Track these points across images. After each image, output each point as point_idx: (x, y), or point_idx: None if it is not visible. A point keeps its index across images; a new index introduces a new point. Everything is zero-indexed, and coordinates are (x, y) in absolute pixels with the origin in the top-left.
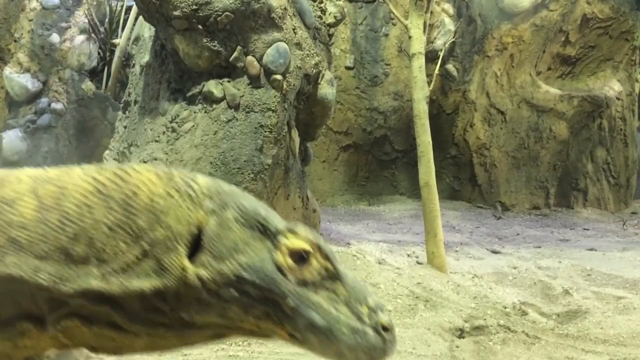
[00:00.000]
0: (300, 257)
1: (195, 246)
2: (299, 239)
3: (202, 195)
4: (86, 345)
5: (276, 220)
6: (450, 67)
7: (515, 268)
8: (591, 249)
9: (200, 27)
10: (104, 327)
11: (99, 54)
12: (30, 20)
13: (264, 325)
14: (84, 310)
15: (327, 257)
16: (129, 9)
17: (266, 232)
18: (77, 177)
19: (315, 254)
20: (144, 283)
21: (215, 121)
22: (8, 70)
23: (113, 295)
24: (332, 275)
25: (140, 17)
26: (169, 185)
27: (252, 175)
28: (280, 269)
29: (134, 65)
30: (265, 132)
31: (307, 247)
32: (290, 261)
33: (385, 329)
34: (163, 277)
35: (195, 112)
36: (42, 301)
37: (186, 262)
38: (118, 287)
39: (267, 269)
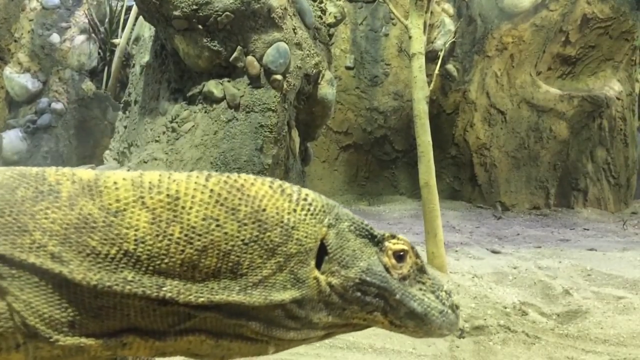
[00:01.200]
0: (400, 257)
1: (319, 256)
2: (399, 242)
3: (321, 211)
4: (191, 354)
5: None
6: (450, 67)
7: (515, 268)
8: (591, 249)
9: (200, 27)
10: (231, 339)
11: (99, 54)
12: (30, 20)
13: (371, 318)
14: (212, 323)
15: (416, 255)
16: (129, 9)
17: (373, 239)
18: (187, 184)
19: (409, 253)
20: (284, 295)
21: (216, 121)
22: (8, 70)
23: (254, 307)
24: (420, 269)
25: (141, 17)
26: (289, 200)
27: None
28: (386, 269)
29: (134, 65)
30: (266, 132)
31: (405, 247)
32: (393, 261)
33: (456, 307)
34: (301, 289)
35: (195, 112)
36: (161, 315)
37: (318, 274)
38: (261, 300)
39: (379, 270)
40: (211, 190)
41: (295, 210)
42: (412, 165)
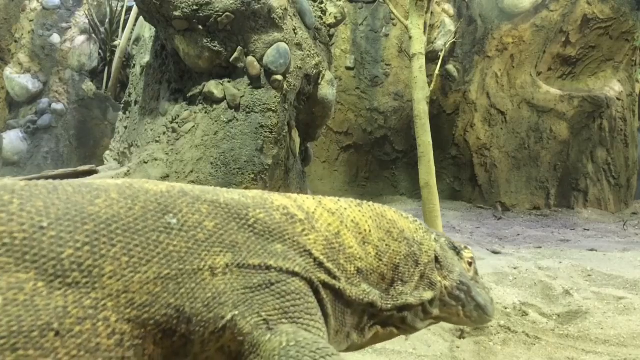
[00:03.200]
0: (469, 263)
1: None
2: (469, 252)
3: (429, 230)
4: (352, 347)
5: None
6: (450, 67)
7: (515, 268)
8: (592, 250)
9: (200, 27)
10: (393, 327)
11: (99, 54)
12: (30, 21)
13: (454, 312)
14: (388, 318)
15: (474, 261)
16: (129, 9)
17: (455, 250)
18: (358, 214)
19: (473, 260)
20: (427, 295)
21: (216, 121)
22: (9, 71)
23: (414, 305)
24: (476, 272)
25: (141, 17)
26: (410, 222)
27: (252, 176)
28: (465, 272)
29: (134, 65)
30: (266, 132)
31: (472, 255)
32: (467, 266)
33: (492, 300)
34: (434, 290)
35: (195, 113)
36: (366, 317)
37: (440, 277)
38: (419, 300)
39: (465, 274)
40: (371, 218)
41: (417, 230)
42: (413, 166)
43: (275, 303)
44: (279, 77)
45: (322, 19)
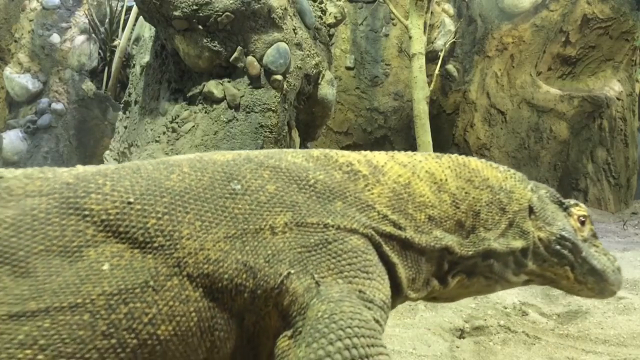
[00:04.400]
0: (582, 222)
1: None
2: (582, 209)
3: (523, 179)
4: (442, 296)
5: None
6: (450, 67)
7: None
8: None
9: (200, 27)
10: (477, 277)
11: (99, 54)
12: (30, 21)
13: (561, 272)
14: (472, 266)
15: (591, 222)
16: (129, 9)
17: (562, 205)
18: (435, 165)
19: (588, 219)
20: (517, 243)
21: (216, 121)
22: (8, 71)
23: (500, 252)
24: (594, 234)
25: (141, 17)
26: (499, 171)
27: None
28: (573, 230)
29: (134, 65)
30: (266, 132)
31: (586, 213)
32: (578, 224)
33: (619, 270)
34: (526, 239)
35: (195, 112)
36: (445, 263)
37: (533, 227)
38: (505, 247)
39: (571, 230)
40: (449, 168)
41: (506, 178)
42: None
43: (330, 263)
44: (279, 77)
45: (322, 19)
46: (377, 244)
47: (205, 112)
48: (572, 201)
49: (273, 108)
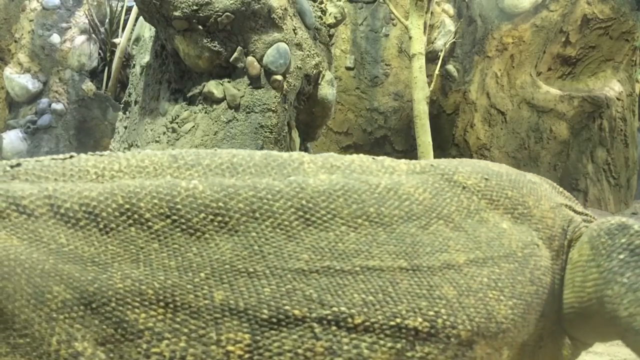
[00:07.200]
0: None
1: None
2: None
3: None
4: None
5: None
6: (450, 67)
7: None
8: None
9: (200, 27)
10: None
11: (99, 54)
12: (30, 21)
13: None
14: None
15: None
16: (129, 9)
17: None
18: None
19: None
20: None
21: (216, 121)
22: (8, 71)
23: None
24: None
25: (141, 17)
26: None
27: None
28: None
29: (134, 65)
30: (266, 132)
31: None
32: None
33: None
34: None
35: (195, 113)
36: None
37: None
38: None
39: None
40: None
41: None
42: None
43: None
44: (279, 77)
45: (322, 19)
46: None
47: (205, 113)
48: None
49: (273, 108)
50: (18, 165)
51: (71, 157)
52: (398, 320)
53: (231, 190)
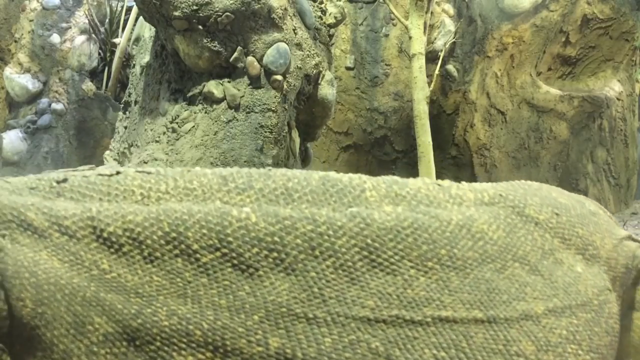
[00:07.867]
0: None
1: None
2: None
3: None
4: None
5: None
6: (450, 67)
7: None
8: None
9: (200, 27)
10: None
11: (99, 54)
12: (30, 21)
13: None
14: None
15: None
16: (129, 9)
17: None
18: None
19: None
20: None
21: (216, 121)
22: (8, 71)
23: None
24: None
25: (141, 17)
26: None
27: None
28: None
29: (134, 65)
30: (266, 132)
31: None
32: None
33: None
34: None
35: (195, 113)
36: None
37: None
38: None
39: None
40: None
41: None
42: (413, 166)
43: None
44: (279, 77)
45: (322, 19)
46: None
47: (205, 113)
48: None
49: (273, 108)
50: (64, 180)
51: (118, 173)
52: None
53: (287, 223)
